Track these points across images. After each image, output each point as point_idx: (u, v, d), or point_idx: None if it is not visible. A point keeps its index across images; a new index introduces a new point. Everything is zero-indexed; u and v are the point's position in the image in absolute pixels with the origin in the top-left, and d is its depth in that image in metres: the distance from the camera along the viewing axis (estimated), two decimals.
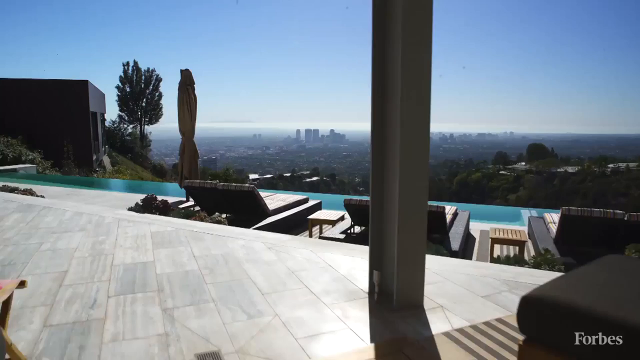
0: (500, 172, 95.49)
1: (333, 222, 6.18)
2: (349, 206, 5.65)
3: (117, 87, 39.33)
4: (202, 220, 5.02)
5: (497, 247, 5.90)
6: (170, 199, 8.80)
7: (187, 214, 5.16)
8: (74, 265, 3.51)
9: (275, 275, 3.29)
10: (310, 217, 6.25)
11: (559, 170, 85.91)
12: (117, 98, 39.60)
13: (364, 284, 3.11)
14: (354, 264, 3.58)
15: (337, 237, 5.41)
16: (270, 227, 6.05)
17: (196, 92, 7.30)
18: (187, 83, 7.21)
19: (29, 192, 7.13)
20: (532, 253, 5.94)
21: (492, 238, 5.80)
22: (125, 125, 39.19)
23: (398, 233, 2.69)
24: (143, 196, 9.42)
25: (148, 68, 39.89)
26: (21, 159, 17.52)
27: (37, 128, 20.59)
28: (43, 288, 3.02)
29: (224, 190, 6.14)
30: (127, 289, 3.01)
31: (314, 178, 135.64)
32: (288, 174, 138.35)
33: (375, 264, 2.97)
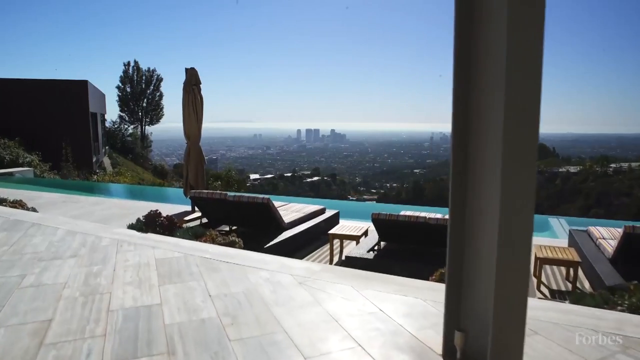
0: None
1: (356, 238, 5.48)
2: (377, 221, 4.95)
3: (118, 87, 38.80)
4: (213, 240, 4.32)
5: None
6: (174, 207, 8.10)
7: (196, 233, 4.46)
8: (61, 309, 2.81)
9: (314, 326, 2.59)
10: (332, 231, 5.55)
11: (560, 170, 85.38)
12: (117, 98, 39.09)
13: (434, 341, 2.41)
14: (411, 307, 2.88)
15: (364, 256, 4.72)
16: (287, 243, 5.37)
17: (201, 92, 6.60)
18: (192, 83, 6.51)
19: (19, 204, 6.44)
20: (582, 275, 5.24)
21: (540, 258, 5.10)
22: (125, 126, 38.64)
23: (497, 274, 1.97)
24: (144, 204, 8.78)
25: (149, 68, 39.38)
26: (18, 161, 16.89)
27: (35, 129, 19.96)
28: (18, 348, 2.32)
29: (235, 201, 5.44)
30: (128, 350, 2.31)
31: (315, 178, 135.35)
32: (289, 174, 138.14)
33: (454, 319, 2.26)
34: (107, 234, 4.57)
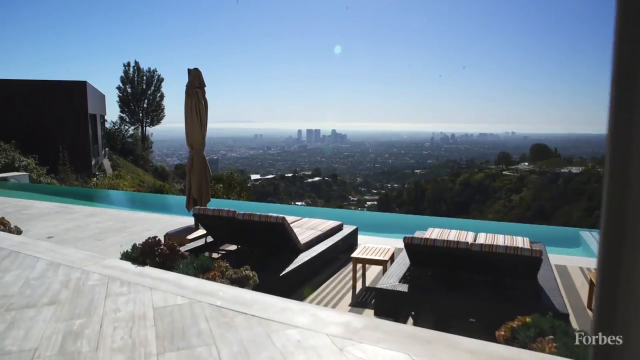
0: (503, 172, 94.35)
1: (383, 264, 4.73)
2: (410, 246, 4.20)
3: (118, 88, 38.14)
4: (222, 275, 3.57)
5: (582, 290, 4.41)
6: (175, 220, 7.36)
7: (202, 266, 3.71)
8: None
9: None
10: (355, 255, 4.80)
11: (562, 170, 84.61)
12: (118, 99, 38.44)
13: None
14: None
15: (397, 288, 3.97)
16: (303, 268, 4.63)
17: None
18: (195, 85, 5.75)
19: (1, 223, 5.69)
20: None
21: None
22: (126, 127, 38.00)
23: None
24: (143, 215, 8.02)
25: (149, 68, 38.72)
26: (14, 165, 16.20)
27: (32, 132, 19.28)
28: None
29: (245, 220, 4.70)
30: None
31: (316, 178, 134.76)
32: (290, 175, 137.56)
33: None
34: (96, 267, 3.80)
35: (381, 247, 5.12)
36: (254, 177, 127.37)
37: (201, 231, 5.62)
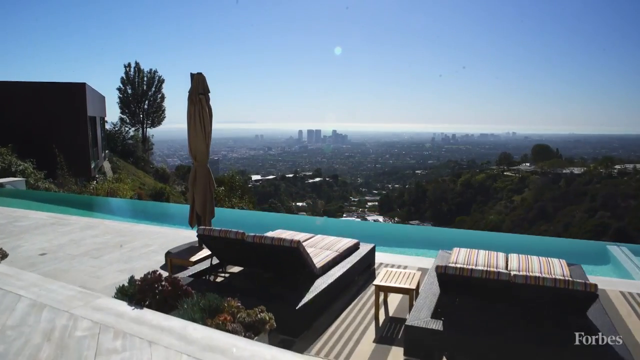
0: (505, 173, 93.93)
1: (410, 293, 4.27)
2: (444, 276, 3.73)
3: (119, 89, 37.75)
4: (234, 318, 3.11)
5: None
6: (177, 233, 6.89)
7: (210, 307, 3.24)
8: None
9: None
10: (378, 283, 4.33)
11: (564, 171, 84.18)
12: (118, 100, 38.05)
13: None
14: None
15: (430, 326, 3.50)
16: (321, 297, 4.17)
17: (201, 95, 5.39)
18: (199, 91, 5.29)
19: None
20: None
21: None
22: (126, 128, 37.60)
23: None
24: (142, 227, 7.51)
25: (150, 69, 38.32)
26: (11, 169, 15.76)
27: (29, 135, 18.87)
28: None
29: (256, 243, 4.24)
30: None
31: (317, 179, 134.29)
32: (290, 175, 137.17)
33: None
34: (86, 309, 3.26)
35: (405, 271, 4.65)
36: (254, 177, 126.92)
37: (206, 251, 5.17)
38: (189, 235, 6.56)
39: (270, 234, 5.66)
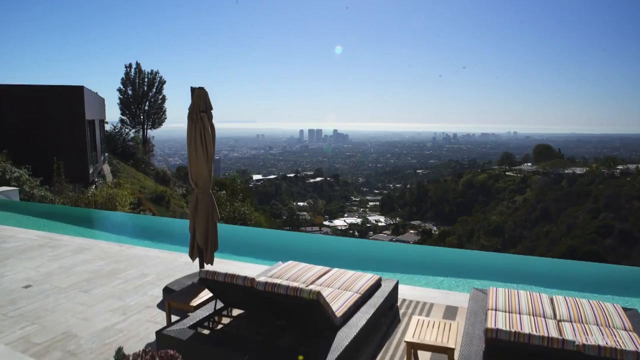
0: (507, 173, 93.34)
1: (450, 352, 3.64)
2: (496, 341, 3.11)
3: (119, 90, 37.18)
4: None
5: None
6: (178, 258, 6.27)
7: None
8: None
9: None
10: (410, 340, 3.71)
11: (566, 171, 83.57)
12: (118, 101, 37.50)
13: None
14: None
15: None
16: (345, 354, 3.56)
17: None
18: (200, 108, 4.68)
19: None
20: None
21: None
22: (127, 130, 37.05)
23: None
24: (139, 251, 6.80)
25: (151, 70, 37.75)
26: (5, 177, 15.17)
27: (25, 140, 18.29)
28: None
29: (268, 292, 3.63)
30: None
31: (318, 179, 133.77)
32: (292, 175, 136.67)
33: None
34: None
35: (440, 320, 4.04)
36: (256, 177, 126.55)
37: (208, 293, 4.56)
38: (190, 261, 5.96)
39: (281, 268, 5.07)
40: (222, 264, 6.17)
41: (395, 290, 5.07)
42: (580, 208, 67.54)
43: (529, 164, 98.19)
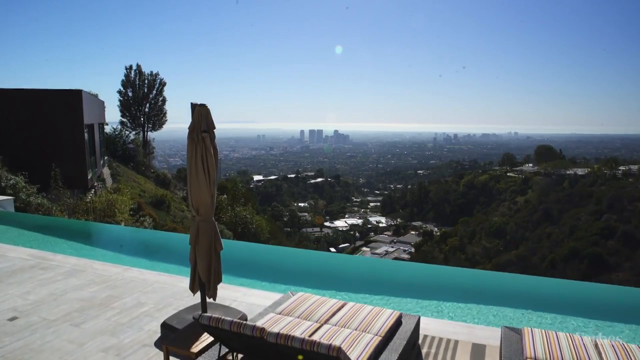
0: (508, 173, 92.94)
1: None
2: None
3: (119, 92, 36.83)
4: None
5: None
6: (177, 283, 5.80)
7: None
8: None
9: None
10: None
11: (568, 172, 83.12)
12: (118, 103, 37.15)
13: None
14: None
15: None
16: None
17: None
18: (202, 128, 4.24)
19: None
20: None
21: None
22: (127, 132, 36.71)
23: None
24: (136, 274, 6.26)
25: (151, 71, 37.39)
26: (1, 184, 14.74)
27: (22, 146, 17.87)
28: None
29: (280, 344, 3.17)
30: None
31: (319, 179, 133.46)
32: (292, 175, 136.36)
33: None
34: None
35: None
36: (256, 177, 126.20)
37: (206, 336, 4.10)
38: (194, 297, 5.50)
39: (291, 303, 4.60)
40: (224, 290, 5.71)
41: (417, 328, 4.61)
42: (583, 210, 67.09)
43: (530, 165, 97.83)
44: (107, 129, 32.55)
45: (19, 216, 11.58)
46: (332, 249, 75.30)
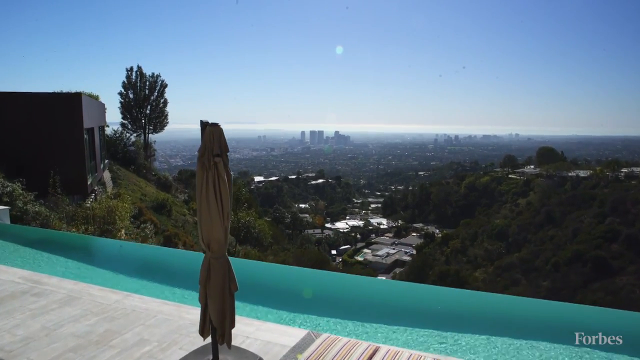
0: (509, 175, 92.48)
1: None
2: None
3: (120, 94, 36.35)
4: None
5: None
6: (184, 314, 5.24)
7: None
8: None
9: None
10: None
11: (570, 174, 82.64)
12: (119, 105, 36.69)
13: None
14: None
15: None
16: None
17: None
18: (213, 152, 3.68)
19: None
20: None
21: None
22: (128, 134, 36.25)
23: None
24: (137, 302, 5.66)
25: (153, 73, 36.95)
26: None
27: (19, 152, 17.28)
28: None
29: None
30: None
31: (320, 180, 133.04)
32: (293, 176, 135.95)
33: None
34: None
35: None
36: (257, 179, 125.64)
37: None
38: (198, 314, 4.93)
39: (316, 350, 4.05)
40: (235, 322, 5.14)
41: None
42: (585, 212, 66.53)
43: (532, 167, 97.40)
44: (108, 130, 32.06)
45: (15, 229, 11.00)
46: (333, 251, 74.83)
